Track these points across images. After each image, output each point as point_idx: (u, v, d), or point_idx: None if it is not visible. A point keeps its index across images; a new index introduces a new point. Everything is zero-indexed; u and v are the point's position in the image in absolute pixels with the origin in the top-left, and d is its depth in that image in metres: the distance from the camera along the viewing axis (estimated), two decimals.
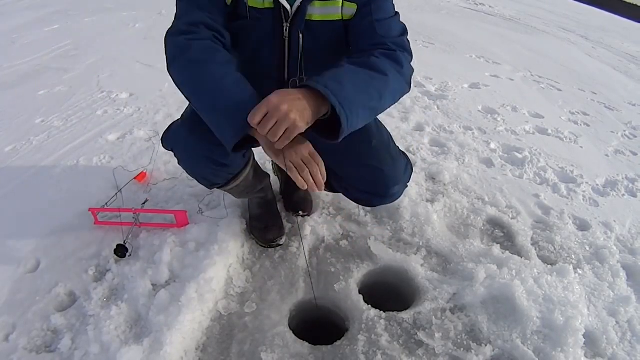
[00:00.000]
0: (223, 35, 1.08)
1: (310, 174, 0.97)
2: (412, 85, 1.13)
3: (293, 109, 0.86)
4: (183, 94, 1.03)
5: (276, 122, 0.86)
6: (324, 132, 0.97)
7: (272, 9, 1.07)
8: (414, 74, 1.16)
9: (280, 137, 0.88)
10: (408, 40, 1.15)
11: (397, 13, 1.16)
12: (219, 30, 1.06)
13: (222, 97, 0.96)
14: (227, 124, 0.95)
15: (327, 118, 0.95)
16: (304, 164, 0.97)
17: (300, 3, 1.05)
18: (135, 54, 3.40)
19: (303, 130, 0.90)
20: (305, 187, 0.98)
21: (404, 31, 1.16)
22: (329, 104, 0.89)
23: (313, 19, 1.09)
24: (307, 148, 0.99)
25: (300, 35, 1.10)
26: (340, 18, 1.10)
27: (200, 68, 0.99)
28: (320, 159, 1.00)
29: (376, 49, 1.07)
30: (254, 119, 0.86)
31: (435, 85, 3.39)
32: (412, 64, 1.14)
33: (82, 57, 3.39)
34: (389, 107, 1.08)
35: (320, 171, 0.99)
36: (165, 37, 1.07)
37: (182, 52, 1.01)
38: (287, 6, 1.06)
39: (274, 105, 0.85)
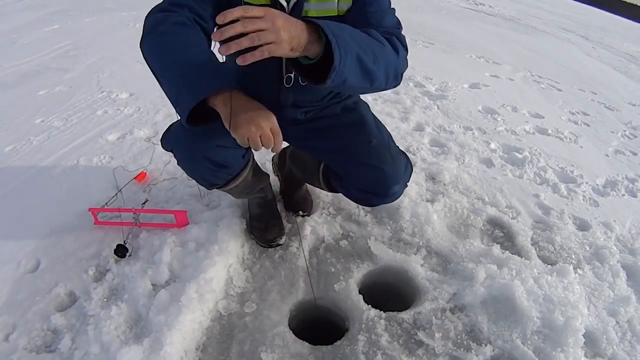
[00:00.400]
0: (206, 22, 1.04)
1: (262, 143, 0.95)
2: (410, 83, 1.13)
3: (287, 29, 0.81)
4: (150, 66, 1.00)
5: (264, 30, 0.79)
6: (310, 77, 0.92)
7: (267, 4, 1.07)
8: (414, 74, 1.17)
9: (257, 48, 0.80)
10: (403, 35, 1.13)
11: (392, 8, 1.16)
12: (202, 16, 1.03)
13: (187, 63, 0.92)
14: (188, 89, 0.91)
15: (316, 64, 0.90)
16: (261, 141, 0.94)
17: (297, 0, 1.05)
18: (135, 54, 3.38)
19: (282, 54, 0.83)
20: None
21: (399, 24, 1.15)
22: (322, 44, 0.86)
23: (309, 14, 1.09)
24: (270, 123, 0.95)
25: None
26: (337, 13, 1.10)
27: (168, 37, 0.96)
28: (280, 136, 0.97)
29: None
30: (249, 11, 0.79)
31: (435, 85, 3.39)
32: (410, 64, 1.14)
33: (82, 57, 3.39)
34: (380, 83, 1.04)
35: (276, 148, 0.98)
36: (146, 14, 1.05)
37: (156, 26, 0.99)
38: (284, 2, 1.06)
39: (272, 15, 0.80)
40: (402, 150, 1.36)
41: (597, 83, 4.48)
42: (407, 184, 1.36)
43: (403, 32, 1.16)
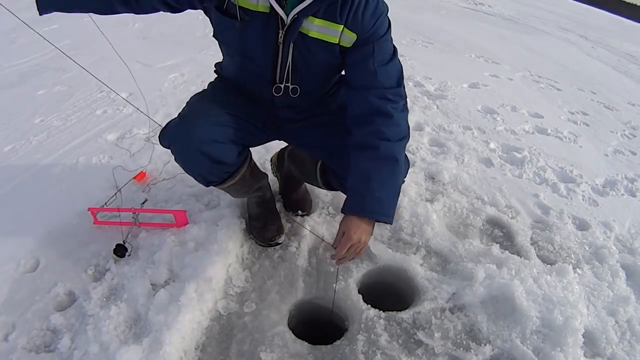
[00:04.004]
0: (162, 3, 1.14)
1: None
2: (410, 83, 1.20)
3: (363, 234, 1.11)
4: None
5: (357, 248, 1.12)
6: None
7: (267, 13, 1.07)
8: (413, 73, 1.19)
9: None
10: (404, 86, 1.20)
11: (395, 50, 1.19)
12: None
13: None
14: None
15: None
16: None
17: (296, 14, 1.05)
18: (134, 53, 3.39)
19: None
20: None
21: (401, 74, 1.20)
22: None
23: (310, 34, 1.10)
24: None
25: (291, 45, 1.11)
26: (337, 43, 1.11)
27: None
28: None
29: (377, 109, 1.14)
30: (341, 253, 1.10)
31: (434, 85, 3.38)
32: (409, 63, 1.20)
33: (81, 57, 3.37)
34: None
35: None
36: None
37: None
38: (282, 14, 1.06)
39: (356, 240, 1.10)
40: None
41: (596, 83, 4.48)
42: (405, 179, 1.36)
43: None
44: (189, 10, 1.21)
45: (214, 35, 1.22)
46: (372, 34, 1.12)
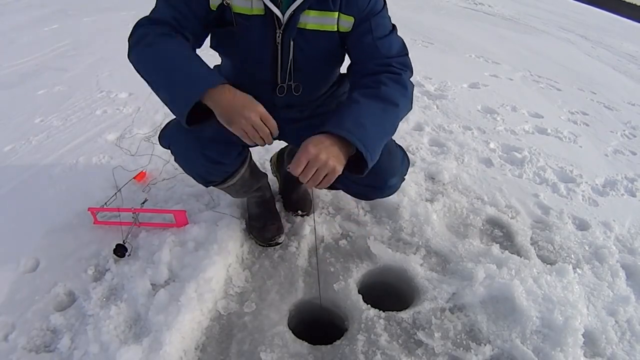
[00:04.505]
0: (193, 35, 1.10)
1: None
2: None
3: (330, 157, 0.94)
4: (141, 74, 1.06)
5: (317, 169, 0.93)
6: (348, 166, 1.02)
7: (262, 15, 1.07)
8: (414, 73, 1.17)
9: (321, 181, 0.95)
10: (409, 57, 1.18)
11: (394, 27, 1.18)
12: (184, 34, 1.08)
13: (176, 70, 0.98)
14: (180, 94, 0.97)
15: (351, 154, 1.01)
16: (256, 129, 0.99)
17: (293, 11, 1.05)
18: None
19: (339, 173, 0.96)
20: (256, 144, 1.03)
21: (404, 46, 1.18)
22: (352, 144, 0.97)
23: (308, 27, 1.09)
24: (257, 113, 0.99)
25: (292, 43, 1.11)
26: (336, 30, 1.11)
27: (155, 48, 1.02)
28: (272, 120, 1.02)
29: (383, 71, 1.10)
30: (297, 170, 0.94)
31: (434, 85, 3.39)
32: (411, 59, 1.17)
33: (81, 57, 3.38)
34: (398, 127, 1.13)
35: (272, 133, 1.02)
36: (130, 32, 1.10)
37: (141, 39, 1.04)
38: (279, 14, 1.06)
39: (314, 155, 0.93)
40: (398, 144, 1.37)
41: (596, 83, 4.48)
42: (405, 177, 1.37)
43: (403, 32, 1.17)
44: None
45: (212, 47, 1.21)
46: (368, 12, 1.10)
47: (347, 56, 1.23)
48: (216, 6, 1.08)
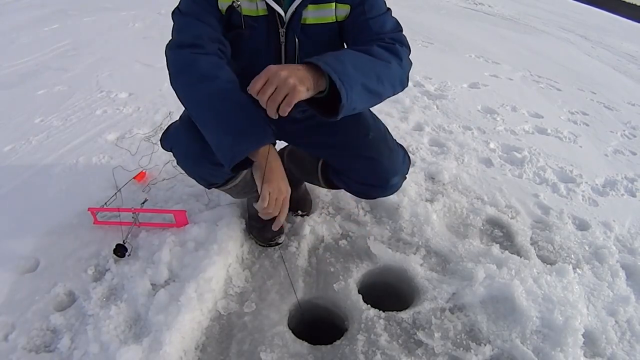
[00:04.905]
0: (225, 46, 1.10)
1: None
2: (409, 83, 1.16)
3: (292, 75, 0.85)
4: (186, 107, 1.05)
5: (276, 88, 0.85)
6: (323, 111, 0.97)
7: (266, 16, 1.08)
8: (413, 73, 1.18)
9: (281, 104, 0.87)
10: (404, 35, 1.17)
11: (389, 9, 1.18)
12: (222, 41, 1.08)
13: (227, 118, 0.98)
14: (228, 146, 0.98)
15: (326, 97, 0.94)
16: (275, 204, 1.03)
17: (295, 8, 1.06)
18: (134, 53, 3.39)
19: (303, 97, 0.88)
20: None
21: (398, 25, 1.18)
22: (328, 79, 0.89)
23: (307, 22, 1.10)
24: (288, 194, 1.07)
25: (297, 40, 1.11)
26: (334, 20, 1.12)
27: (207, 85, 1.00)
28: (287, 210, 1.07)
29: (376, 43, 1.08)
30: (255, 87, 0.86)
31: (434, 85, 3.38)
32: (411, 59, 1.17)
33: (81, 57, 3.38)
34: (388, 96, 1.09)
35: (279, 218, 1.06)
36: (167, 50, 1.08)
37: (189, 67, 1.02)
38: (281, 12, 1.06)
39: (273, 71, 0.86)
40: (399, 143, 1.37)
41: (596, 83, 4.48)
42: (406, 176, 1.37)
43: (403, 32, 1.17)
44: None
45: None
46: None
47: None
48: (225, 10, 1.08)
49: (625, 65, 5.96)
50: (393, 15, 1.20)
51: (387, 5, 1.18)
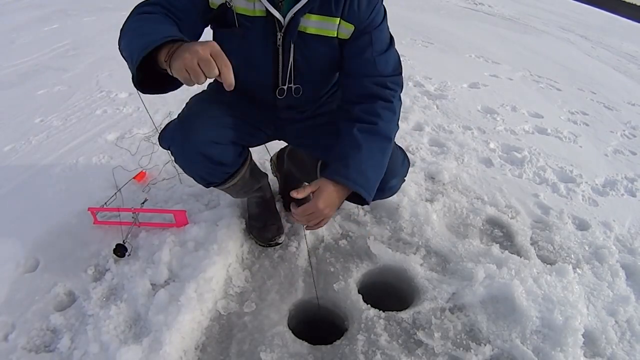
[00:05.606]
0: (180, 20, 1.04)
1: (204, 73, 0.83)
2: (409, 83, 1.20)
3: (332, 209, 1.07)
4: (121, 53, 0.98)
5: (318, 218, 1.08)
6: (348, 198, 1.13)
7: (263, 17, 1.07)
8: (413, 73, 1.20)
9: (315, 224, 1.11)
10: (401, 77, 1.21)
11: (392, 38, 1.19)
12: (178, 15, 1.03)
13: (142, 35, 0.91)
14: (138, 46, 0.87)
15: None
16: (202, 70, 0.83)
17: (294, 14, 1.05)
18: None
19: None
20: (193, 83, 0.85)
21: (399, 64, 1.20)
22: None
23: (308, 31, 1.10)
24: (209, 47, 0.84)
25: (292, 46, 1.11)
26: (335, 36, 1.11)
27: (135, 22, 0.99)
28: (225, 59, 0.85)
29: (377, 94, 1.14)
30: (301, 218, 1.09)
31: (434, 85, 3.38)
32: (409, 63, 1.21)
33: (81, 57, 3.38)
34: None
35: (224, 72, 0.85)
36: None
37: (127, 21, 1.01)
38: (279, 16, 1.06)
39: (320, 210, 1.04)
40: (399, 146, 1.37)
41: (596, 83, 4.48)
42: (405, 178, 1.37)
43: (403, 32, 1.17)
44: None
45: None
46: (369, 24, 1.11)
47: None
48: (217, 5, 1.08)
49: (625, 65, 5.97)
50: (395, 22, 1.20)
51: (390, 32, 1.19)
